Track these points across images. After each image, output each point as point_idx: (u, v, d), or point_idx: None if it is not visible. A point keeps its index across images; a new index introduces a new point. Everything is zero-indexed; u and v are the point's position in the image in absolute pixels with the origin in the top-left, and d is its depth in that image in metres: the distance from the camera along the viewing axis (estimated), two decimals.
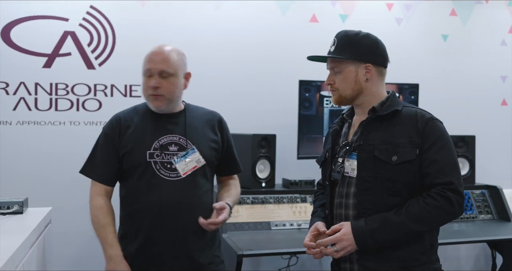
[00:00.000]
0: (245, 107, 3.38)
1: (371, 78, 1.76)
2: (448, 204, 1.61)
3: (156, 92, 1.92)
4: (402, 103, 1.77)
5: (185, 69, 2.01)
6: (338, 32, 1.81)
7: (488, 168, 3.72)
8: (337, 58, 1.75)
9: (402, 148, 1.66)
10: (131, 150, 1.96)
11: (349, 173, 1.73)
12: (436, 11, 3.81)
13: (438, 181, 1.63)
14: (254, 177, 3.00)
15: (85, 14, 3.14)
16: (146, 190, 1.94)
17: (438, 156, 1.65)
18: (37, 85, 3.07)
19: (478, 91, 3.88)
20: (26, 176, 3.01)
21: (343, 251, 1.64)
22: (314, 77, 3.20)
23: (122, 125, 2.00)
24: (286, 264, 3.22)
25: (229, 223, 2.80)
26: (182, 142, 1.99)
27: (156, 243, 1.93)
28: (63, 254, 3.03)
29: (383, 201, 1.66)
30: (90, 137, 2.12)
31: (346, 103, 1.81)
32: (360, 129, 1.76)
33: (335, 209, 1.77)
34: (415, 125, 1.68)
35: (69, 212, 3.00)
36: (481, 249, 3.82)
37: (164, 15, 3.25)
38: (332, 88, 1.79)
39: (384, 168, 1.66)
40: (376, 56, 1.77)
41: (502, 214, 3.30)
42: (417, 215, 1.61)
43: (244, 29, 3.40)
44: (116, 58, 3.18)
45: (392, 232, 1.62)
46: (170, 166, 1.95)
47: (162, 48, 1.96)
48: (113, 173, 2.00)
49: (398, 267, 1.66)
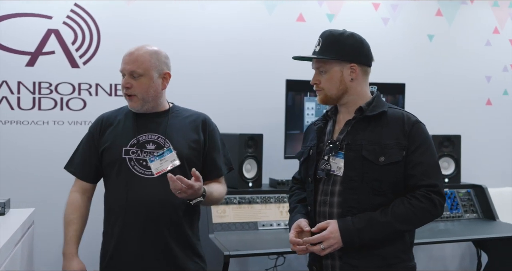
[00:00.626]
0: (231, 107, 3.36)
1: (356, 78, 1.78)
2: (432, 205, 1.68)
3: (128, 92, 1.97)
4: (387, 105, 1.80)
5: (162, 69, 2.00)
6: (323, 31, 1.82)
7: (474, 167, 3.75)
8: (322, 59, 1.76)
9: (390, 149, 1.69)
10: (109, 146, 2.00)
11: (335, 171, 1.75)
12: (422, 11, 3.82)
13: (422, 183, 1.69)
14: (241, 176, 2.99)
15: (69, 12, 3.09)
16: (120, 187, 1.96)
17: (423, 159, 1.70)
18: (20, 84, 3.02)
19: (464, 91, 3.91)
20: (8, 176, 2.95)
21: (330, 248, 1.67)
22: (301, 77, 3.19)
23: (104, 124, 2.06)
24: (273, 264, 3.21)
25: (216, 223, 2.79)
26: (160, 140, 1.99)
27: (129, 241, 1.94)
28: (47, 255, 2.98)
29: (368, 200, 1.70)
30: (74, 136, 2.12)
31: (331, 103, 1.83)
32: (347, 128, 1.77)
33: (318, 206, 1.78)
34: (402, 127, 1.73)
35: (52, 213, 2.94)
36: (467, 248, 3.85)
37: (150, 14, 3.22)
38: (318, 88, 1.80)
39: (371, 168, 1.69)
40: (361, 56, 1.79)
41: (487, 213, 3.32)
42: (403, 215, 1.66)
43: (230, 29, 3.38)
44: (101, 57, 3.14)
45: (378, 231, 1.66)
46: (145, 164, 1.96)
47: (136, 49, 1.98)
48: (92, 170, 2.05)
49: (380, 264, 1.70)
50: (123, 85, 1.97)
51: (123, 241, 1.95)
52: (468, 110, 3.91)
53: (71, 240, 2.00)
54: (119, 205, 1.96)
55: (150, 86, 1.96)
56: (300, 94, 3.24)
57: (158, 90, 2.00)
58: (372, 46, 1.84)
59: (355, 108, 1.77)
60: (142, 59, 1.95)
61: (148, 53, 1.97)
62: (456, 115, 3.88)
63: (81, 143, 2.11)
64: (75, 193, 2.06)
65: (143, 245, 1.93)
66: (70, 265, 1.96)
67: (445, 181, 3.40)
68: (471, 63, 3.93)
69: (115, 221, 1.97)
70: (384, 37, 3.69)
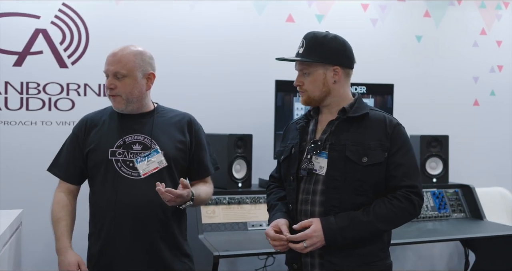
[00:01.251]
0: (221, 107, 3.36)
1: (339, 80, 1.80)
2: (412, 206, 1.73)
3: (112, 93, 1.96)
4: (368, 107, 1.84)
5: (146, 70, 1.99)
6: (307, 33, 1.84)
7: (461, 167, 3.79)
8: (305, 61, 1.78)
9: (373, 150, 1.73)
10: (94, 148, 1.99)
11: (317, 170, 1.77)
12: (410, 12, 3.85)
13: (403, 184, 1.73)
14: (231, 177, 2.98)
15: (57, 11, 3.07)
16: (106, 188, 1.95)
17: (404, 160, 1.75)
18: (7, 84, 2.99)
19: (451, 91, 3.95)
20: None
21: (312, 247, 1.69)
22: (290, 77, 3.18)
23: (89, 125, 2.05)
24: (262, 265, 3.21)
25: (205, 224, 2.78)
26: (147, 141, 1.99)
27: (117, 242, 1.93)
28: (34, 256, 2.96)
29: (350, 199, 1.73)
30: (62, 137, 2.10)
31: (314, 104, 1.85)
32: (330, 128, 1.80)
33: (299, 204, 1.80)
34: (384, 129, 1.76)
35: (40, 214, 2.93)
36: (454, 247, 3.88)
37: (139, 13, 3.20)
38: (301, 89, 1.82)
39: (354, 168, 1.72)
40: (343, 58, 1.81)
41: (475, 212, 3.36)
42: (384, 215, 1.71)
43: (219, 29, 3.37)
44: (90, 57, 3.12)
45: (360, 230, 1.70)
46: (132, 165, 1.95)
47: (120, 49, 1.98)
48: (77, 172, 2.04)
49: (359, 262, 1.73)
50: (107, 86, 1.97)
51: (112, 242, 1.94)
52: (455, 110, 3.95)
53: (63, 235, 1.96)
54: (107, 207, 1.94)
55: (134, 86, 1.96)
56: (289, 95, 3.25)
57: (142, 91, 1.99)
58: (361, 46, 1.86)
59: (338, 109, 1.80)
60: (126, 60, 1.94)
61: (132, 53, 1.96)
62: (444, 115, 3.91)
63: (64, 144, 2.09)
64: (61, 193, 2.04)
65: (132, 246, 1.93)
66: (65, 258, 1.92)
67: (433, 181, 3.42)
68: (458, 64, 3.96)
69: (103, 223, 1.95)
70: (372, 38, 3.71)
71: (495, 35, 4.05)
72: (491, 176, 3.92)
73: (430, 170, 3.45)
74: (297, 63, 1.82)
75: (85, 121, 2.06)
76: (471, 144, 3.96)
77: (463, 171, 3.78)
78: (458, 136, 3.81)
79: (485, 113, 4.02)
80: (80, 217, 2.10)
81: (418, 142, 3.41)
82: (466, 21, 3.98)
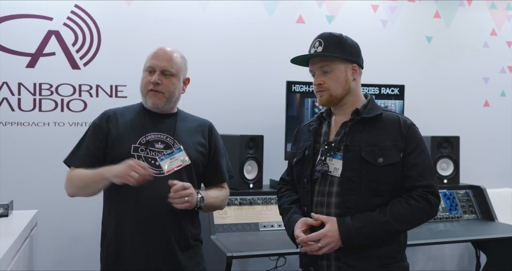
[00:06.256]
0: (232, 108, 3.37)
1: (356, 78, 1.82)
2: (429, 206, 1.72)
3: (156, 88, 1.95)
4: (381, 107, 1.84)
5: (186, 74, 2.06)
6: (321, 33, 1.84)
7: (472, 168, 3.78)
8: (330, 56, 1.77)
9: (388, 150, 1.72)
10: (117, 142, 1.96)
11: (332, 172, 1.76)
12: (420, 13, 3.85)
13: (419, 184, 1.72)
14: (242, 178, 2.99)
15: (70, 13, 3.09)
16: (129, 186, 1.87)
17: (419, 160, 1.74)
18: (21, 85, 3.02)
19: (462, 92, 3.94)
20: (10, 178, 2.95)
21: (327, 247, 1.67)
22: (301, 78, 3.21)
23: (112, 118, 2.01)
24: (274, 265, 3.22)
25: (217, 225, 2.79)
26: (169, 140, 1.99)
27: (135, 241, 1.90)
28: (49, 256, 2.99)
29: (366, 201, 1.71)
30: (75, 137, 2.05)
31: (334, 104, 1.83)
32: (344, 129, 1.79)
33: (314, 206, 1.79)
34: (399, 130, 1.76)
35: (54, 214, 2.96)
36: (465, 248, 3.87)
37: (150, 15, 3.22)
38: (321, 88, 1.80)
39: (370, 169, 1.71)
40: (359, 57, 1.84)
41: (486, 213, 3.34)
42: (401, 215, 1.69)
43: (230, 29, 3.39)
44: (102, 58, 3.14)
45: (377, 230, 1.68)
46: (154, 162, 1.94)
47: (169, 48, 2.01)
48: (96, 163, 1.94)
49: (376, 265, 1.71)
50: (153, 81, 1.94)
51: (130, 240, 1.91)
52: (466, 111, 3.94)
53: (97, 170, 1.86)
54: (126, 204, 1.91)
55: (176, 87, 2.00)
56: (300, 96, 3.25)
57: (180, 93, 2.04)
58: (371, 47, 1.89)
59: (351, 110, 1.80)
60: (176, 60, 1.99)
61: (180, 56, 2.02)
62: (455, 116, 3.90)
63: (85, 137, 2.01)
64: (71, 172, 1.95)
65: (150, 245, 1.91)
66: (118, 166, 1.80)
67: (444, 182, 3.42)
68: (469, 64, 3.96)
69: (122, 220, 1.92)
70: (382, 38, 3.71)
71: (505, 36, 4.05)
72: (502, 177, 3.91)
73: (441, 171, 3.44)
74: (315, 62, 1.81)
75: (108, 114, 2.03)
76: (482, 145, 3.95)
77: (474, 172, 3.77)
78: (469, 137, 3.80)
79: (496, 114, 4.02)
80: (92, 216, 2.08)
81: (428, 143, 3.40)
82: (476, 22, 3.98)
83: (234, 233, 2.80)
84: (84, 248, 3.04)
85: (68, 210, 3.00)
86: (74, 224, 3.05)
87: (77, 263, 3.04)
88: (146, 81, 1.98)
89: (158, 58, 1.97)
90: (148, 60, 1.99)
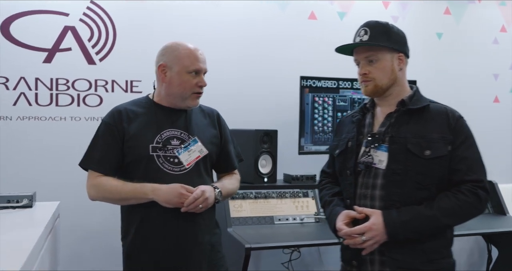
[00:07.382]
0: (247, 103, 3.40)
1: (403, 68, 1.78)
2: (478, 201, 1.65)
3: (201, 91, 2.01)
4: (428, 99, 1.79)
5: None
6: (366, 22, 1.79)
7: None
8: (376, 45, 1.73)
9: (435, 143, 1.67)
10: (134, 142, 1.93)
11: (376, 164, 1.71)
12: (431, 10, 3.87)
13: (468, 178, 1.66)
14: (256, 172, 3.02)
15: (86, 9, 3.12)
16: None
17: (468, 153, 1.69)
18: (38, 80, 3.05)
19: (472, 88, 3.96)
20: (27, 171, 2.98)
21: (371, 240, 1.63)
22: (315, 73, 3.24)
23: (124, 117, 1.97)
24: (288, 259, 3.25)
25: (233, 218, 2.82)
26: (184, 136, 1.99)
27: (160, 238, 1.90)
28: (70, 248, 3.02)
29: (412, 194, 1.66)
30: (91, 132, 2.05)
31: (380, 94, 1.78)
32: (389, 121, 1.75)
33: (357, 199, 1.75)
34: (447, 122, 1.71)
35: (73, 207, 2.99)
36: (475, 243, 3.89)
37: (165, 11, 3.25)
38: (367, 78, 1.75)
39: (416, 161, 1.66)
40: (406, 46, 1.81)
41: (498, 208, 3.37)
42: (449, 210, 1.63)
43: (243, 26, 3.41)
44: (117, 54, 3.17)
45: (423, 224, 1.63)
46: (173, 160, 1.94)
47: (197, 47, 2.04)
48: (114, 165, 1.94)
49: (422, 260, 1.66)
50: (204, 84, 2.01)
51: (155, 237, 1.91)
52: (476, 107, 3.96)
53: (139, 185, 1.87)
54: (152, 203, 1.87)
55: None
56: (314, 91, 3.28)
57: None
58: None
59: (397, 101, 1.76)
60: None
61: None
62: (464, 112, 3.84)
63: (97, 137, 1.99)
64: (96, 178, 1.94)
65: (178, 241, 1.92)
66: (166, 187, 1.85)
67: None
68: (478, 61, 3.98)
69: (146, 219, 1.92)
70: None
71: None
72: None
73: None
74: (360, 51, 1.77)
75: (120, 113, 1.98)
76: (492, 140, 3.96)
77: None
78: (479, 133, 3.77)
79: (506, 110, 4.04)
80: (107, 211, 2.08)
81: None
82: (486, 19, 4.00)
83: (250, 226, 2.83)
84: (105, 241, 3.06)
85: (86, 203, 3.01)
86: (93, 217, 3.06)
87: (99, 256, 3.08)
88: (191, 84, 1.98)
89: (202, 61, 2.01)
90: (193, 62, 1.98)
